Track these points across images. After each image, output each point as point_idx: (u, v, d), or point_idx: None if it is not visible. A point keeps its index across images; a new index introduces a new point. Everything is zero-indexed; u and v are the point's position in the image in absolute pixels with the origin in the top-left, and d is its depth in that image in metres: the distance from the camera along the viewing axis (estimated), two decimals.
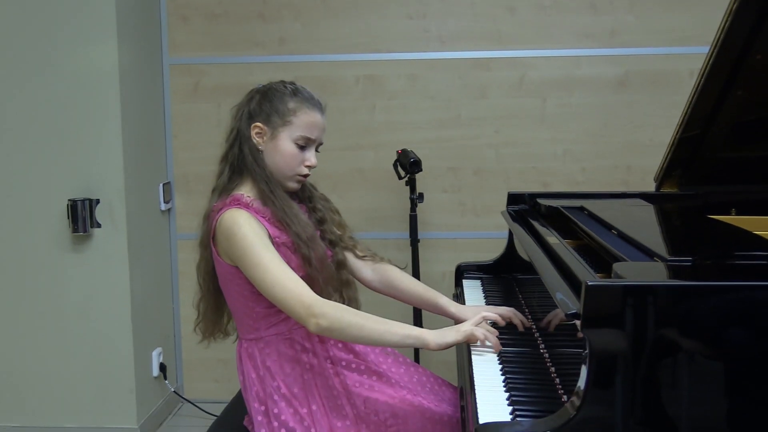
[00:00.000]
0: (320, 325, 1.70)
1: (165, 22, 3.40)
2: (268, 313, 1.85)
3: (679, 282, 1.33)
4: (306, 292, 1.73)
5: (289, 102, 1.87)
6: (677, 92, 3.18)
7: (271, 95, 1.89)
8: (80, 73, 3.01)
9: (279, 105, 1.87)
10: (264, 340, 1.87)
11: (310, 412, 1.82)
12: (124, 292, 3.11)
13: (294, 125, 1.87)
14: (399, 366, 2.00)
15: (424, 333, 1.76)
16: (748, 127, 2.19)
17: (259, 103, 1.89)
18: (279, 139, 1.87)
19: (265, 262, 1.74)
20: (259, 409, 1.85)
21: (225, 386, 3.54)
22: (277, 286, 1.73)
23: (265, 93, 1.90)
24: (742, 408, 1.27)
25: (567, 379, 1.53)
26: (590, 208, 2.09)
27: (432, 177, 3.34)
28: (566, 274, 1.57)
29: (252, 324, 1.87)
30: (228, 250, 1.80)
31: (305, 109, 1.88)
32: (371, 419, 1.83)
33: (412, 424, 1.86)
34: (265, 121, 1.88)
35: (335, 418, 1.83)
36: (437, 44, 3.33)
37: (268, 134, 1.88)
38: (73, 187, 3.06)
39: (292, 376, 1.85)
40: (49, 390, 3.18)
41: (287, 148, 1.88)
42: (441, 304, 2.04)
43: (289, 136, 1.87)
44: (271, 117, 1.87)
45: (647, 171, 2.66)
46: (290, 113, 1.87)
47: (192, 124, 3.44)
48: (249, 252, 1.75)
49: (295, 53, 3.37)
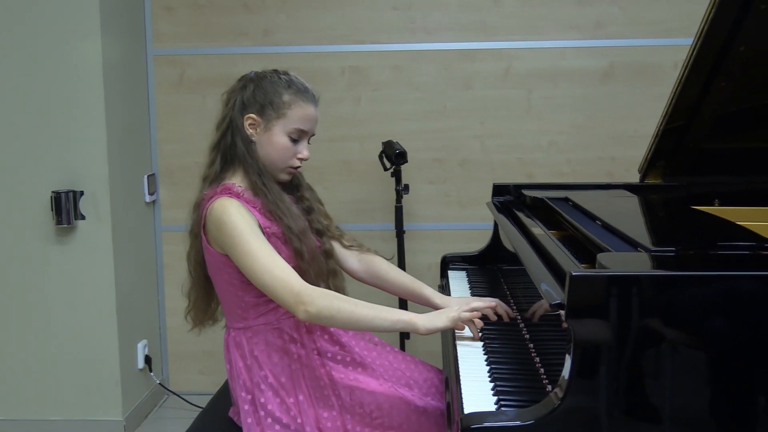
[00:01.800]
0: (309, 312, 1.70)
1: (149, 13, 3.37)
2: (257, 302, 1.85)
3: (663, 272, 1.34)
4: (295, 279, 1.73)
5: (283, 94, 1.85)
6: (661, 84, 3.19)
7: (266, 86, 1.86)
8: (64, 63, 2.98)
9: (273, 97, 1.85)
10: (252, 329, 1.87)
11: (297, 402, 1.82)
12: (109, 284, 3.10)
13: (288, 118, 1.85)
14: (385, 357, 2.01)
15: (413, 317, 1.76)
16: (731, 119, 2.20)
17: (252, 93, 1.86)
18: (272, 131, 1.86)
19: (254, 250, 1.74)
20: (245, 398, 1.85)
21: (210, 378, 3.53)
22: (266, 273, 1.73)
23: (258, 83, 1.87)
24: (725, 397, 1.28)
25: (551, 369, 1.54)
26: (575, 199, 2.10)
27: (417, 168, 3.35)
28: (551, 265, 1.57)
29: (240, 313, 1.87)
30: (218, 239, 1.80)
31: (300, 102, 1.86)
32: (356, 411, 1.84)
33: (397, 416, 1.86)
34: (259, 113, 1.85)
35: (321, 408, 1.83)
36: (423, 35, 3.33)
37: (262, 126, 1.86)
38: (57, 179, 3.03)
39: (279, 365, 1.85)
40: (33, 383, 3.16)
41: (281, 140, 1.86)
42: (426, 295, 2.04)
43: (283, 129, 1.85)
44: (266, 109, 1.85)
45: (632, 162, 2.67)
46: (285, 106, 1.85)
47: (177, 116, 3.42)
48: (239, 240, 1.75)
49: (280, 44, 3.35)
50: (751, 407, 1.28)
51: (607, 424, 1.28)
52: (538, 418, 1.28)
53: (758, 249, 1.48)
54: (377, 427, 1.84)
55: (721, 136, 2.26)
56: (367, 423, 1.83)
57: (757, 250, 1.48)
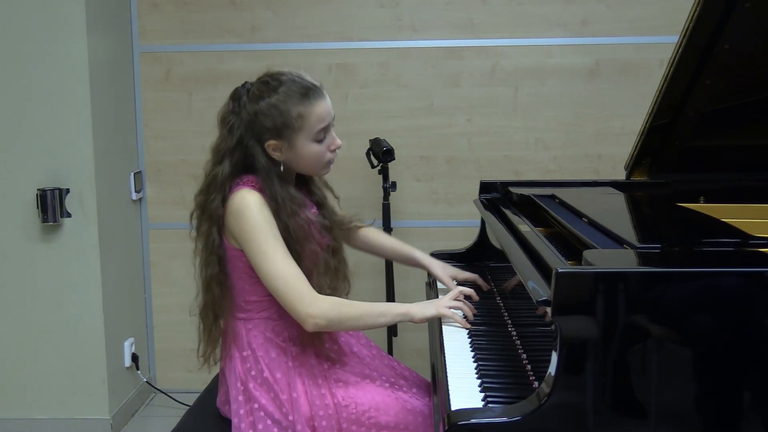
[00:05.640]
0: (318, 325, 1.77)
1: (135, 9, 3.36)
2: (261, 300, 1.87)
3: (648, 269, 1.35)
4: (307, 291, 1.77)
5: (291, 110, 1.78)
6: (647, 81, 3.20)
7: (270, 111, 1.78)
8: (49, 60, 2.96)
9: (284, 118, 1.78)
10: (253, 321, 1.88)
11: (290, 399, 1.82)
12: (95, 282, 3.08)
13: (307, 127, 1.80)
14: (380, 360, 2.04)
15: (409, 308, 1.86)
16: (716, 116, 2.22)
17: (262, 123, 1.79)
18: (298, 146, 1.81)
19: (272, 252, 1.76)
20: (239, 388, 1.86)
21: (198, 376, 3.50)
22: (280, 280, 1.75)
23: (264, 111, 1.79)
24: (710, 392, 1.29)
25: (538, 365, 1.55)
26: (561, 197, 2.11)
27: (404, 166, 3.35)
28: (537, 262, 1.58)
29: (243, 305, 1.89)
30: (235, 231, 1.79)
31: (311, 107, 1.80)
32: (351, 410, 1.84)
33: (392, 415, 1.87)
34: (278, 137, 1.80)
35: (315, 407, 1.83)
36: (409, 33, 3.33)
37: (286, 146, 1.81)
38: (43, 177, 3.02)
39: (276, 361, 1.86)
40: (19, 381, 3.15)
41: (310, 149, 1.83)
42: (415, 257, 2.22)
43: (307, 139, 1.81)
44: (282, 131, 1.79)
45: (618, 159, 2.68)
46: (299, 119, 1.79)
47: (163, 113, 3.41)
48: (257, 237, 1.76)
49: (267, 41, 3.35)
50: (735, 403, 1.30)
51: (593, 419, 1.29)
52: (524, 414, 1.29)
53: (743, 246, 1.50)
54: (371, 427, 1.85)
55: (706, 134, 2.27)
56: (361, 422, 1.84)
57: (741, 247, 1.49)
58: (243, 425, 1.83)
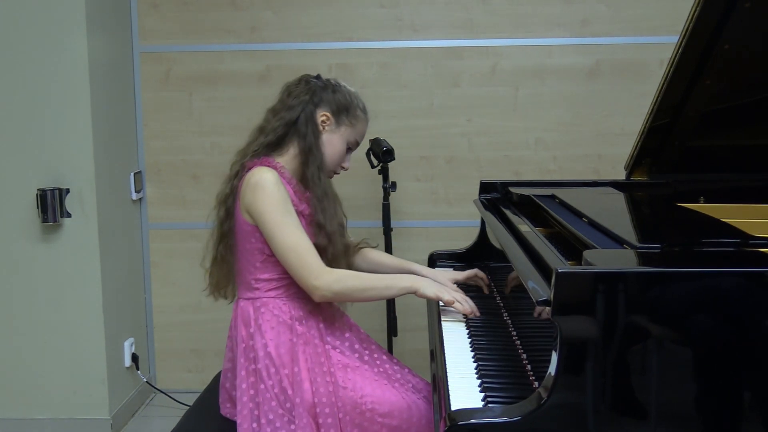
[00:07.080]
0: (325, 296, 1.92)
1: (135, 9, 3.35)
2: (270, 278, 1.96)
3: (648, 269, 1.35)
4: (317, 264, 1.90)
5: (356, 109, 2.08)
6: (647, 81, 3.20)
7: (343, 96, 2.07)
8: (49, 60, 2.96)
9: (350, 107, 2.07)
10: (261, 300, 1.97)
11: (292, 373, 1.89)
12: (95, 282, 3.08)
13: (354, 129, 2.09)
14: (381, 353, 2.11)
15: (414, 282, 1.97)
16: (716, 117, 2.22)
17: (333, 95, 2.06)
18: (338, 134, 2.06)
19: (286, 224, 1.89)
20: (244, 364, 1.93)
21: (198, 376, 3.53)
22: (292, 252, 1.89)
23: (335, 89, 2.07)
24: (710, 392, 1.29)
25: (538, 365, 1.55)
26: (561, 197, 2.11)
27: (404, 166, 3.35)
28: (537, 262, 1.58)
29: (253, 284, 1.98)
30: (251, 205, 1.90)
31: (364, 120, 2.12)
32: (348, 393, 1.90)
33: (388, 405, 1.91)
34: (334, 114, 2.05)
35: (316, 385, 1.89)
36: (409, 33, 3.33)
37: (332, 126, 2.05)
38: (43, 177, 3.02)
39: (281, 339, 1.93)
40: (19, 382, 3.15)
41: (340, 146, 2.07)
42: (415, 270, 2.24)
43: (346, 136, 2.08)
44: (341, 113, 2.06)
45: (618, 159, 2.68)
46: (356, 118, 2.08)
47: (163, 113, 3.41)
48: (272, 209, 1.88)
49: (266, 41, 3.35)
50: (735, 403, 1.30)
51: (593, 419, 1.29)
52: (524, 414, 1.29)
53: (743, 246, 1.50)
54: (365, 412, 1.90)
55: (706, 134, 2.27)
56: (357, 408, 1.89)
57: (741, 247, 1.49)
58: (245, 398, 1.90)
